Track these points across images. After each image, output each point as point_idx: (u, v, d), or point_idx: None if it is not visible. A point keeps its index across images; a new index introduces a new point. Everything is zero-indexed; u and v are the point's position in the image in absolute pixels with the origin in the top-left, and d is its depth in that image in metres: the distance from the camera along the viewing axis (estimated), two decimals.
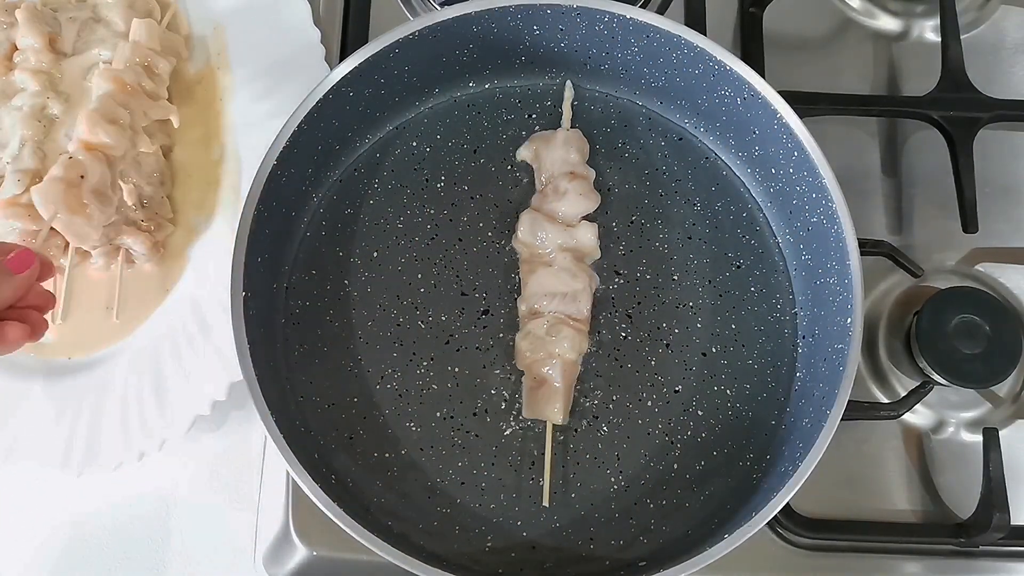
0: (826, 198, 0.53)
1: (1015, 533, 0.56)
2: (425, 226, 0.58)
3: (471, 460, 0.54)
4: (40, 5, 0.64)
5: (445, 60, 0.58)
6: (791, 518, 0.56)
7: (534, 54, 0.59)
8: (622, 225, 0.59)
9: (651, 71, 0.59)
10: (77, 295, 0.61)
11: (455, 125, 0.60)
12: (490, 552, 0.52)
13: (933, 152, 0.65)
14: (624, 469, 0.54)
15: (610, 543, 0.53)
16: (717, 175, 0.60)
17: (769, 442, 0.55)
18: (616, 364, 0.56)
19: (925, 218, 0.64)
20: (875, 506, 0.58)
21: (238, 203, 0.57)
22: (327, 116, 0.55)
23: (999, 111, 0.64)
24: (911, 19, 0.70)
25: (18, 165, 0.59)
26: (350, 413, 0.54)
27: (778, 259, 0.59)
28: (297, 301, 0.56)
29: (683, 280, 0.58)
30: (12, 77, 0.62)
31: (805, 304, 0.57)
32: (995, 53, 0.69)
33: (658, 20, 0.55)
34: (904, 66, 0.69)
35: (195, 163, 0.64)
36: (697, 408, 0.55)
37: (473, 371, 0.56)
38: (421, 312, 0.56)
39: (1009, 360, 0.57)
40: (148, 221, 0.60)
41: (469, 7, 0.55)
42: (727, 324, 0.57)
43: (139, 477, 0.61)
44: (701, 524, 0.53)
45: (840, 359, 0.51)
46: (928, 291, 0.60)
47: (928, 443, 0.60)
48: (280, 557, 0.57)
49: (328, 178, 0.59)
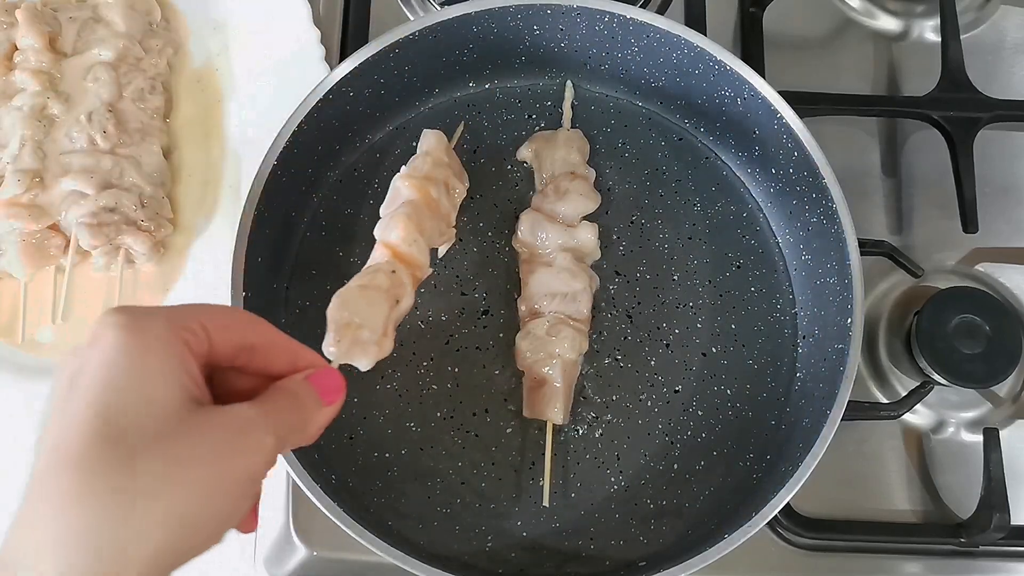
0: (826, 198, 0.53)
1: (1015, 533, 0.56)
2: None
3: (471, 460, 0.54)
4: (40, 5, 0.63)
5: (445, 60, 0.58)
6: (791, 518, 0.56)
7: (534, 54, 0.59)
8: (622, 225, 0.59)
9: (651, 71, 0.59)
10: (77, 295, 0.61)
11: (455, 125, 0.60)
12: (490, 552, 0.52)
13: (933, 152, 0.65)
14: (624, 469, 0.54)
15: (610, 543, 0.53)
16: (717, 175, 0.60)
17: (769, 442, 0.55)
18: (616, 364, 0.56)
19: (925, 218, 0.64)
20: (875, 506, 0.58)
21: (238, 203, 0.57)
22: (327, 116, 0.55)
23: (999, 111, 0.64)
24: (911, 19, 0.70)
25: (18, 165, 0.59)
26: (350, 413, 0.54)
27: (778, 259, 0.59)
28: (297, 301, 0.56)
29: (683, 280, 0.58)
30: (12, 77, 0.62)
31: (805, 304, 0.57)
32: (995, 53, 0.69)
33: (658, 20, 0.55)
34: (904, 66, 0.69)
35: (195, 163, 0.64)
36: (697, 408, 0.55)
37: (473, 371, 0.56)
38: (421, 312, 0.56)
39: (1009, 360, 0.57)
40: (148, 221, 0.60)
41: (469, 7, 0.55)
42: (727, 324, 0.57)
43: None
44: (701, 524, 0.53)
45: (840, 359, 0.51)
46: (928, 291, 0.60)
47: (928, 443, 0.60)
48: (280, 557, 0.57)
49: (328, 178, 0.59)
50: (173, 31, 0.66)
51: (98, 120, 0.60)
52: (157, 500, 0.31)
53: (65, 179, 0.58)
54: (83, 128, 0.59)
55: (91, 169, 0.59)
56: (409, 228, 0.48)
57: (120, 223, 0.59)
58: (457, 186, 0.55)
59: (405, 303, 0.47)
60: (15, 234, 0.58)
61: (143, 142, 0.61)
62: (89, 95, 0.61)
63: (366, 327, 0.43)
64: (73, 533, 0.30)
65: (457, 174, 0.55)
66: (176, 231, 0.62)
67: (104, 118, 0.60)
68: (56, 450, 0.31)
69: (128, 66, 0.62)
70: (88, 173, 0.58)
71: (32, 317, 0.60)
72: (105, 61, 0.62)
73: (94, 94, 0.61)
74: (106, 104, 0.60)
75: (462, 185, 0.55)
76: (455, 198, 0.54)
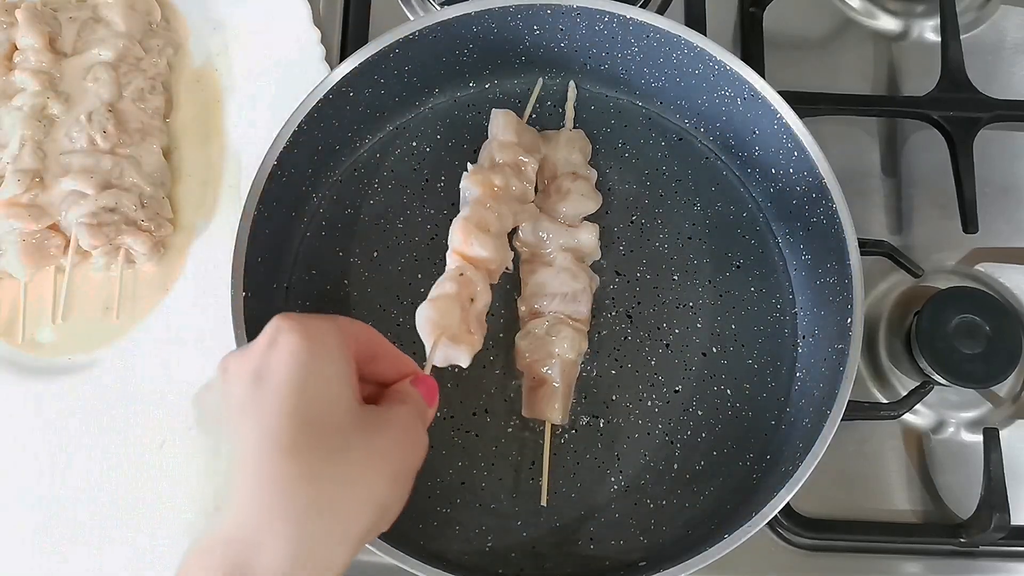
0: (826, 198, 0.53)
1: (1015, 533, 0.56)
2: (425, 226, 0.58)
3: (471, 460, 0.54)
4: (40, 5, 0.63)
5: (445, 60, 0.58)
6: (791, 518, 0.56)
7: (534, 54, 0.59)
8: (622, 225, 0.59)
9: (651, 71, 0.59)
10: (77, 295, 0.61)
11: (455, 125, 0.60)
12: (490, 552, 0.52)
13: (933, 152, 0.65)
14: (624, 469, 0.54)
15: (610, 543, 0.53)
16: (717, 175, 0.60)
17: (769, 442, 0.55)
18: (616, 364, 0.56)
19: (925, 218, 0.64)
20: (875, 506, 0.58)
21: (238, 203, 0.57)
22: (327, 116, 0.55)
23: (999, 111, 0.64)
24: (911, 19, 0.70)
25: (18, 165, 0.59)
26: None
27: (778, 259, 0.59)
28: (297, 301, 0.56)
29: (683, 280, 0.58)
30: (12, 77, 0.62)
31: (805, 304, 0.57)
32: (995, 53, 0.69)
33: (658, 20, 0.55)
34: (904, 66, 0.69)
35: (195, 163, 0.64)
36: (697, 408, 0.55)
37: (473, 371, 0.55)
38: None
39: (1009, 360, 0.57)
40: (148, 221, 0.60)
41: (469, 7, 0.55)
42: (727, 324, 0.57)
43: (139, 477, 0.61)
44: (701, 524, 0.53)
45: (840, 359, 0.51)
46: (928, 291, 0.60)
47: (928, 443, 0.60)
48: None
49: (328, 178, 0.59)
50: (173, 31, 0.66)
51: (98, 120, 0.60)
52: (365, 487, 0.36)
53: (65, 179, 0.58)
54: (83, 128, 0.59)
55: (91, 169, 0.59)
56: (468, 231, 0.51)
57: (120, 223, 0.59)
58: (528, 162, 0.56)
59: (481, 300, 0.50)
60: (15, 234, 0.58)
61: (143, 142, 0.61)
62: (89, 95, 0.61)
63: (447, 332, 0.48)
64: (304, 509, 0.34)
65: (528, 148, 0.57)
66: (176, 231, 0.62)
67: (104, 118, 0.60)
68: (266, 439, 0.34)
69: (128, 66, 0.62)
70: (88, 173, 0.58)
71: (32, 317, 0.60)
72: (105, 61, 0.62)
73: (94, 94, 0.61)
74: (106, 104, 0.60)
75: (532, 157, 0.57)
76: (529, 172, 0.56)
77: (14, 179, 0.58)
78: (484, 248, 0.51)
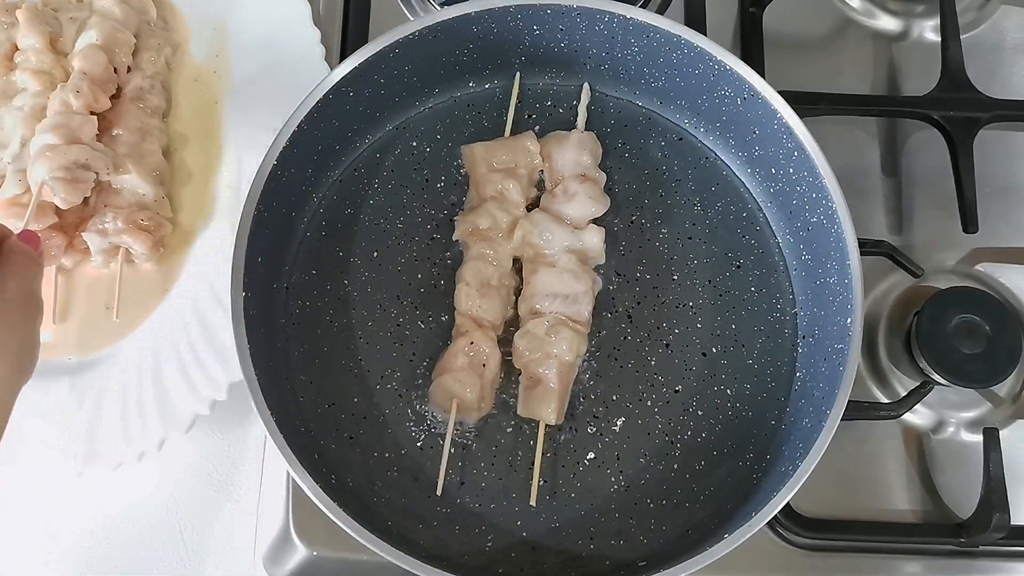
0: (826, 198, 0.53)
1: (1015, 533, 0.56)
2: (425, 226, 0.58)
3: (471, 460, 0.54)
4: (41, 5, 0.64)
5: (445, 60, 0.58)
6: (791, 518, 0.56)
7: (534, 54, 0.59)
8: (622, 225, 0.59)
9: (651, 71, 0.59)
10: (77, 295, 0.61)
11: (455, 125, 0.60)
12: (490, 552, 0.52)
13: (933, 152, 0.65)
14: (624, 469, 0.54)
15: (610, 543, 0.53)
16: (717, 175, 0.60)
17: (769, 442, 0.55)
18: (616, 364, 0.56)
19: (925, 218, 0.64)
20: (875, 506, 0.58)
21: (238, 203, 0.57)
22: (327, 116, 0.55)
23: (999, 111, 0.64)
24: (911, 19, 0.70)
25: (19, 165, 0.59)
26: (350, 413, 0.54)
27: (778, 259, 0.59)
28: (297, 301, 0.56)
29: (683, 280, 0.58)
30: (13, 77, 0.62)
31: (805, 304, 0.57)
32: (995, 53, 0.69)
33: (658, 20, 0.55)
34: (904, 66, 0.69)
35: (195, 163, 0.64)
36: (697, 408, 0.55)
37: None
38: (421, 312, 0.56)
39: (1009, 360, 0.57)
40: (148, 221, 0.60)
41: (469, 7, 0.55)
42: (727, 324, 0.57)
43: (139, 477, 0.61)
44: (701, 524, 0.53)
45: (840, 359, 0.51)
46: (928, 291, 0.60)
47: (928, 443, 0.60)
48: (280, 557, 0.57)
49: (328, 178, 0.59)
50: (173, 31, 0.67)
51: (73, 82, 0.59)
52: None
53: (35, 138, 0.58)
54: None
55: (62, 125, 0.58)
56: (468, 295, 0.54)
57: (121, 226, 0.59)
58: (522, 164, 0.58)
59: (491, 365, 0.53)
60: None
61: (143, 142, 0.61)
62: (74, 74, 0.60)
63: (462, 405, 0.53)
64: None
65: (508, 163, 0.58)
66: (176, 231, 0.62)
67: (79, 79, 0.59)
68: None
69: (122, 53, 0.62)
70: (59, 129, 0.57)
71: None
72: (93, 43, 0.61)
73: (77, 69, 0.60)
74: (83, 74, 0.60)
75: (516, 169, 0.58)
76: (514, 193, 0.57)
77: (14, 179, 0.58)
78: (490, 311, 0.54)
